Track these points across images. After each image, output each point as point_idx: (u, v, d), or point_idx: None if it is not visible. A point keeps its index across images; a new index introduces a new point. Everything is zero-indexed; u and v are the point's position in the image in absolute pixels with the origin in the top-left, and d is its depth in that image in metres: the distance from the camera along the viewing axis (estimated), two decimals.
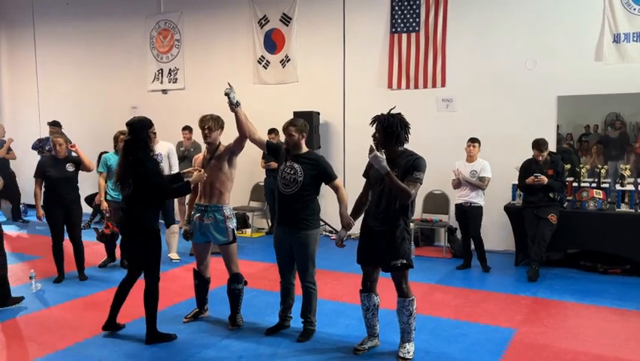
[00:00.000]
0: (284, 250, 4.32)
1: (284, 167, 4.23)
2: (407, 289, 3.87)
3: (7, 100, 11.97)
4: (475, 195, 6.27)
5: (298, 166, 4.17)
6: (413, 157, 3.76)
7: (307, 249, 4.21)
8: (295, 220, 4.18)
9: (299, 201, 4.16)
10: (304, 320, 4.38)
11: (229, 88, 4.22)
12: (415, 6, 7.77)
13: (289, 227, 4.22)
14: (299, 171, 4.15)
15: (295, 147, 4.24)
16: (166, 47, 9.89)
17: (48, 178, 5.79)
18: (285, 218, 4.26)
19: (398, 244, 3.75)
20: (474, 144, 6.36)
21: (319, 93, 8.49)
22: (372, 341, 4.13)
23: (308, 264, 4.25)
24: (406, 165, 3.72)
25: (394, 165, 3.72)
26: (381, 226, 3.78)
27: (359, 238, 4.00)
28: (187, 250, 7.00)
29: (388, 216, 3.76)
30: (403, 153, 3.79)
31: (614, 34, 6.74)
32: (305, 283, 4.31)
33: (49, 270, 6.27)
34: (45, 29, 11.14)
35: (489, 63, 7.41)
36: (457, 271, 6.43)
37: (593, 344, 4.23)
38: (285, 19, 8.75)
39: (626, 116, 6.84)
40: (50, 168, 5.81)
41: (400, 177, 3.68)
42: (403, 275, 3.84)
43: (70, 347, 4.19)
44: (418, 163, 3.71)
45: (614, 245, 6.17)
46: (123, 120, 10.68)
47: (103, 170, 6.28)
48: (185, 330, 4.53)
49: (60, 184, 5.78)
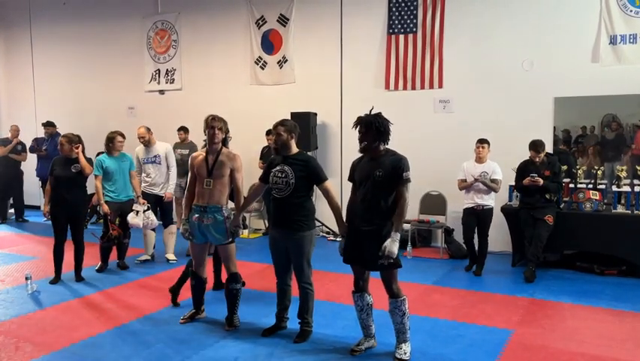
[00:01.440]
0: (279, 252, 4.31)
1: (275, 171, 4.20)
2: (397, 290, 3.86)
3: (3, 101, 11.94)
4: (487, 197, 6.24)
5: (288, 168, 4.15)
6: (396, 157, 3.78)
7: (302, 250, 4.19)
8: (289, 222, 4.16)
9: (292, 203, 4.14)
10: (301, 320, 4.37)
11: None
12: (413, 7, 7.78)
13: (284, 229, 4.20)
14: (290, 174, 4.13)
15: (284, 147, 4.21)
16: (163, 48, 9.88)
17: (54, 177, 5.82)
18: (279, 220, 4.23)
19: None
20: (483, 145, 6.28)
21: (316, 94, 8.49)
22: (368, 342, 4.13)
23: (304, 265, 4.24)
24: (391, 165, 3.73)
25: (378, 165, 3.76)
26: (368, 225, 3.78)
27: (345, 239, 3.99)
28: (184, 251, 6.99)
29: (374, 215, 3.76)
30: (385, 152, 3.82)
31: (611, 35, 6.76)
32: (301, 284, 4.30)
33: (45, 271, 6.26)
34: (42, 30, 11.12)
35: (486, 64, 7.42)
36: (454, 272, 6.43)
37: (590, 345, 4.24)
38: (283, 20, 8.75)
39: (622, 118, 6.85)
40: (57, 166, 5.84)
41: (385, 177, 3.71)
42: (391, 275, 3.83)
43: (66, 348, 4.18)
44: (404, 163, 3.74)
45: (611, 246, 6.18)
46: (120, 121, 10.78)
47: (99, 173, 6.20)
48: (182, 331, 4.52)
49: (62, 184, 5.78)
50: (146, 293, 5.62)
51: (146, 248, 6.86)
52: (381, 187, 3.75)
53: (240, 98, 9.05)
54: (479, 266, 6.34)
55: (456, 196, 6.81)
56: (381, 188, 3.75)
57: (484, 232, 6.29)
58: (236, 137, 7.74)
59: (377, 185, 3.76)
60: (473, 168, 6.31)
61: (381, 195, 3.75)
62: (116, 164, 6.29)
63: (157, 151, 6.72)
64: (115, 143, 6.31)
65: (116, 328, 4.59)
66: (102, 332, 4.48)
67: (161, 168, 6.71)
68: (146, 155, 6.71)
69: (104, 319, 4.81)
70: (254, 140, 8.49)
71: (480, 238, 6.31)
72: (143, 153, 6.72)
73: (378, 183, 3.75)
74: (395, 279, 3.85)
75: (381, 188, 3.75)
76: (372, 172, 3.76)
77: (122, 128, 6.72)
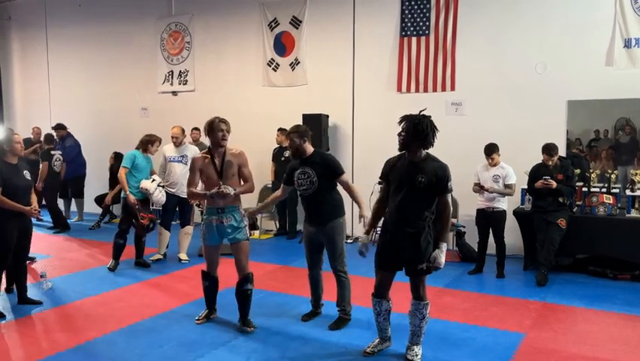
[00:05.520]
0: (313, 245, 4.63)
1: (298, 174, 4.48)
2: (424, 293, 3.88)
3: (19, 101, 12.09)
4: (498, 199, 6.23)
5: (309, 169, 4.45)
6: (438, 164, 3.73)
7: (334, 239, 4.50)
8: (320, 217, 4.50)
9: (320, 199, 4.47)
10: (340, 309, 4.61)
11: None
12: (425, 10, 7.78)
13: (317, 224, 4.52)
14: (312, 174, 4.43)
15: (299, 151, 4.49)
16: (176, 49, 9.95)
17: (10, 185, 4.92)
18: (311, 216, 4.56)
19: (424, 248, 3.73)
20: (492, 157, 6.19)
21: (328, 96, 8.51)
22: (382, 345, 4.13)
23: (337, 253, 4.52)
24: (434, 172, 3.67)
25: (419, 170, 3.68)
26: (406, 229, 3.73)
27: (380, 244, 3.93)
28: (196, 251, 7.04)
29: (413, 220, 3.72)
30: (426, 157, 3.76)
31: (625, 39, 6.71)
32: (337, 273, 4.56)
33: (60, 269, 6.34)
34: (57, 31, 11.25)
35: (499, 67, 7.40)
36: (465, 275, 6.41)
37: (603, 349, 4.21)
38: (295, 22, 8.79)
39: (636, 122, 6.80)
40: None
41: (427, 183, 3.65)
42: (422, 279, 3.86)
43: (80, 346, 4.23)
44: (448, 173, 3.71)
45: (624, 250, 6.13)
46: (134, 122, 10.85)
47: (128, 165, 6.34)
48: (194, 330, 4.56)
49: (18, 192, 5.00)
50: (158, 292, 5.67)
51: (159, 247, 6.92)
52: (422, 193, 3.69)
53: (252, 99, 9.10)
54: (499, 268, 6.32)
55: (468, 199, 6.80)
56: (421, 194, 3.69)
57: (499, 234, 6.27)
58: (247, 138, 7.80)
59: (418, 190, 3.68)
60: (486, 172, 6.29)
61: (421, 201, 3.71)
62: (145, 162, 6.50)
63: (186, 152, 6.80)
64: (154, 146, 6.59)
65: (129, 326, 4.64)
66: (115, 330, 4.53)
67: (187, 169, 6.77)
68: (175, 153, 6.78)
69: (117, 317, 4.86)
70: (266, 141, 8.53)
71: (495, 240, 6.31)
72: (171, 152, 6.80)
73: (420, 189, 3.68)
74: (424, 284, 3.88)
75: (421, 194, 3.69)
76: (414, 177, 3.67)
77: (135, 129, 6.84)
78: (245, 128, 7.78)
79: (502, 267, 6.34)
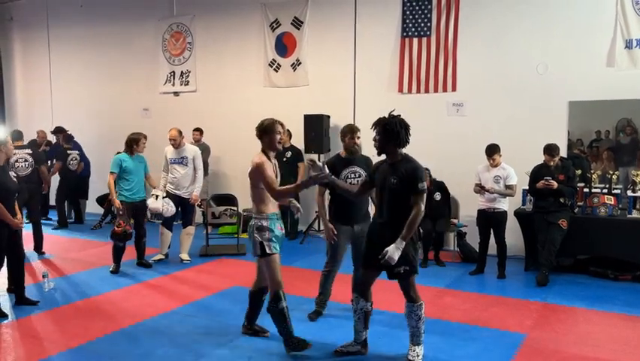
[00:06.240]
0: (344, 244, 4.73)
1: (345, 173, 4.63)
2: (415, 295, 3.86)
3: (21, 102, 12.11)
4: (499, 200, 6.23)
5: (358, 167, 4.66)
6: (411, 165, 3.73)
7: None
8: (363, 215, 4.70)
9: (365, 199, 4.64)
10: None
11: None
12: (427, 10, 7.79)
13: (360, 223, 4.64)
14: (361, 173, 4.63)
15: (350, 151, 4.74)
16: (178, 50, 9.97)
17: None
18: (355, 217, 4.66)
19: (403, 250, 3.68)
20: (493, 158, 6.19)
21: (330, 97, 8.52)
22: (353, 347, 4.06)
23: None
24: (405, 174, 3.69)
25: (394, 171, 3.72)
26: (386, 231, 3.74)
27: (365, 242, 3.99)
28: (197, 251, 7.05)
29: (391, 221, 3.74)
30: (403, 158, 3.79)
31: (627, 39, 6.71)
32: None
33: (61, 269, 6.35)
34: (59, 32, 11.26)
35: (500, 68, 7.40)
36: (466, 276, 6.42)
37: (604, 350, 4.22)
38: (297, 22, 8.80)
39: (637, 122, 6.80)
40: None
41: (399, 185, 3.68)
42: (409, 283, 3.83)
43: (82, 346, 4.24)
44: (419, 174, 3.69)
45: (625, 251, 6.13)
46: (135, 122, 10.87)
47: (115, 170, 6.32)
48: (196, 330, 4.57)
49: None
50: (159, 292, 5.67)
51: (161, 247, 6.93)
52: (396, 194, 3.72)
53: (253, 100, 9.10)
54: (500, 268, 6.32)
55: (469, 199, 6.81)
56: (396, 195, 3.72)
57: (500, 234, 6.28)
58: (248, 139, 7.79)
59: (392, 192, 3.73)
60: (487, 173, 6.30)
61: (397, 202, 3.72)
62: (134, 164, 6.41)
63: (185, 153, 6.81)
64: (139, 145, 6.47)
65: (131, 326, 4.65)
66: (117, 330, 4.54)
67: (188, 170, 6.77)
68: (175, 155, 6.80)
69: (119, 317, 4.87)
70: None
71: (496, 241, 6.31)
72: (172, 154, 6.81)
73: (394, 190, 3.72)
74: (412, 286, 3.84)
75: (396, 195, 3.72)
76: (389, 178, 3.73)
77: (137, 130, 6.83)
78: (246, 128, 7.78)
79: (503, 267, 6.34)
